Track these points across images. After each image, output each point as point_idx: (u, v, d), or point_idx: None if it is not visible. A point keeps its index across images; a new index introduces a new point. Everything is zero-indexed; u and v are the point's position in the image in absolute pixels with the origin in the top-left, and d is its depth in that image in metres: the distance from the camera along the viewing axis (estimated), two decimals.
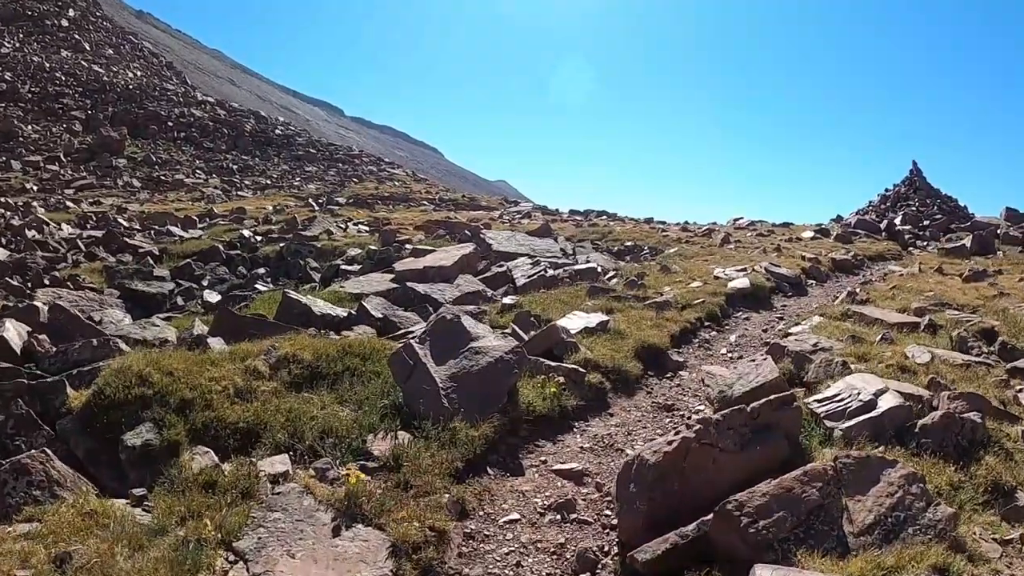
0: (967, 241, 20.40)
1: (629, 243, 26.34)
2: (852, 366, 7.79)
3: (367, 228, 28.23)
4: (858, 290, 14.42)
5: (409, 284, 15.18)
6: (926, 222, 32.46)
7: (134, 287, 17.48)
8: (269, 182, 47.40)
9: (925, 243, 26.45)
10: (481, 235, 23.26)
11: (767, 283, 15.10)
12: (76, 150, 47.98)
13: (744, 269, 16.11)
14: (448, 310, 7.97)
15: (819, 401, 6.23)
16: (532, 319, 11.39)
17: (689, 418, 7.69)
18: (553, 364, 8.12)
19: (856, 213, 39.11)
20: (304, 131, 74.41)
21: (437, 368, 7.16)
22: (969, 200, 53.52)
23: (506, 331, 9.76)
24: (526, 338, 9.41)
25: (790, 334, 10.39)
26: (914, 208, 35.23)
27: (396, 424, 6.65)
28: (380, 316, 12.32)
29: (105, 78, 65.03)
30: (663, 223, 37.98)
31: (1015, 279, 15.00)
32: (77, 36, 76.65)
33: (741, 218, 37.40)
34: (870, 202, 39.65)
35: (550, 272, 18.16)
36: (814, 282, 17.06)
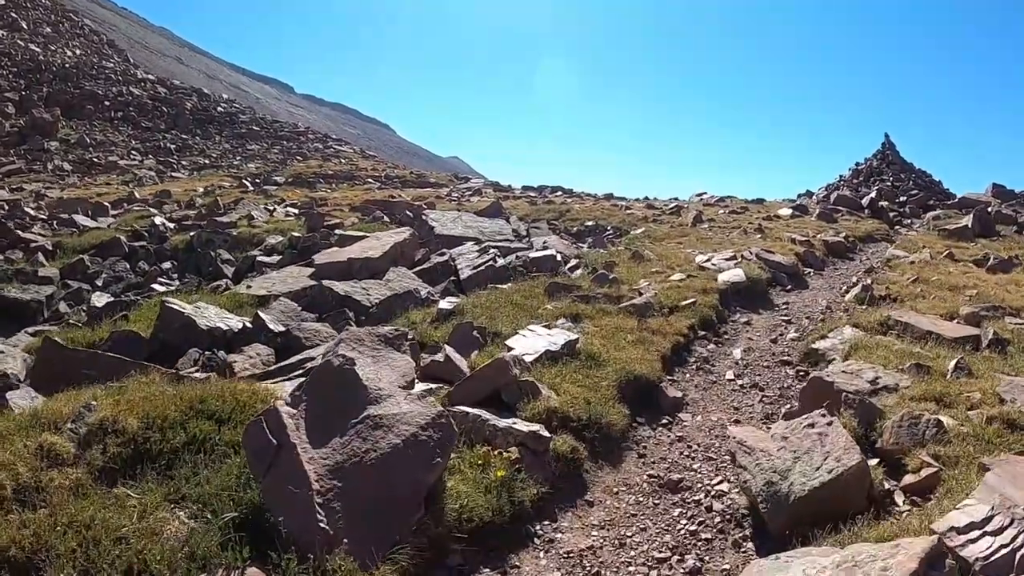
0: (967, 221, 18.58)
1: (590, 223, 23.90)
2: (944, 420, 5.37)
3: (297, 210, 25.24)
4: (871, 282, 12.16)
5: (326, 283, 12.43)
6: (903, 198, 30.87)
7: (5, 293, 14.08)
8: (208, 162, 45.20)
9: (910, 221, 24.68)
10: (423, 216, 20.55)
11: (763, 274, 12.73)
12: (7, 133, 43.37)
13: (734, 257, 13.72)
14: (338, 353, 5.19)
15: (958, 530, 3.68)
16: (476, 334, 8.74)
17: (710, 508, 5.16)
18: (502, 425, 5.44)
19: (826, 188, 37.47)
20: (249, 108, 72.29)
21: (314, 453, 4.43)
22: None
23: (436, 358, 7.09)
24: (465, 371, 6.74)
25: (823, 355, 7.99)
26: (889, 183, 33.65)
27: (243, 558, 3.90)
28: (282, 330, 9.63)
29: (41, 57, 59.79)
30: (623, 199, 35.71)
31: None
32: (14, 14, 70.44)
33: (705, 193, 35.43)
34: (841, 176, 38.03)
35: (500, 261, 15.56)
36: (811, 270, 14.81)
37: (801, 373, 8.27)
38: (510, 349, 7.78)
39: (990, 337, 8.11)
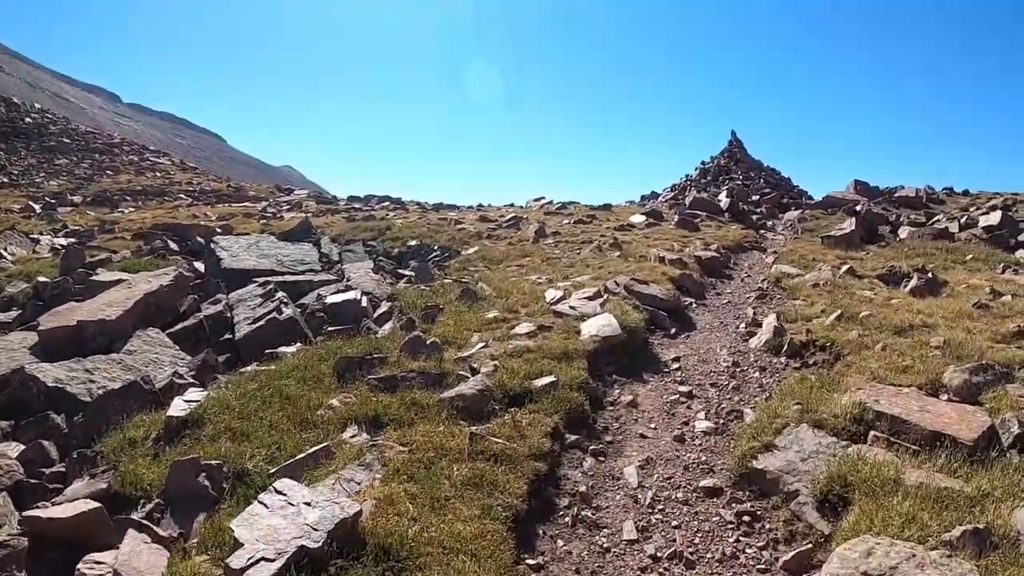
0: (850, 225, 17.08)
1: (413, 242, 20.68)
2: None
3: (73, 239, 20.16)
4: (778, 318, 9.59)
5: (31, 368, 8.74)
6: (755, 197, 30.12)
7: None
8: (7, 180, 41.56)
9: (772, 223, 23.35)
10: (212, 244, 16.61)
11: (640, 318, 9.79)
12: None
13: (597, 294, 10.68)
14: None
15: None
16: (205, 480, 5.24)
17: None
18: None
19: (672, 188, 36.47)
20: (63, 119, 69.13)
21: None
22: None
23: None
24: None
25: (775, 482, 5.02)
26: (739, 182, 32.98)
27: None
28: None
29: None
30: (455, 208, 32.80)
31: (980, 288, 11.09)
32: None
33: (543, 198, 33.13)
34: (687, 176, 37.20)
35: (287, 310, 12.00)
36: (692, 300, 12.17)
37: (746, 520, 5.21)
38: (236, 544, 4.19)
39: (1015, 432, 5.49)
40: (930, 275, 11.35)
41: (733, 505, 5.44)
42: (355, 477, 5.74)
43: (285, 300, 12.66)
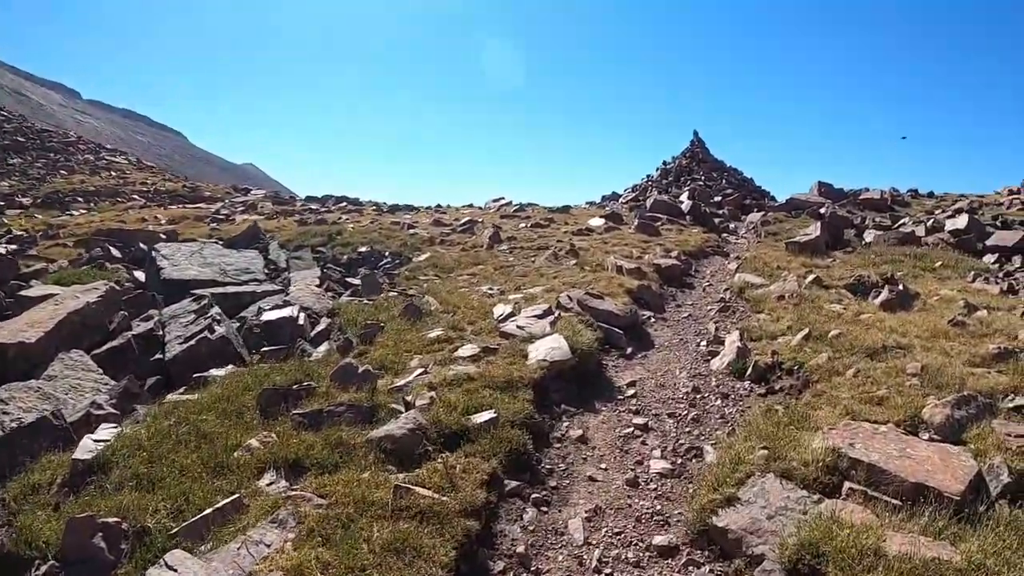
0: (815, 230, 16.69)
1: (363, 248, 20.00)
2: None
3: (15, 246, 19.35)
4: (741, 338, 9.06)
5: None
6: (718, 198, 29.82)
7: None
8: None
9: (734, 225, 22.98)
10: (154, 252, 15.93)
11: (593, 338, 9.15)
12: None
13: (548, 312, 10.02)
14: None
15: None
16: (102, 541, 4.41)
17: None
18: None
19: (633, 189, 36.07)
20: (20, 116, 67.13)
21: None
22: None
23: None
24: None
25: (737, 543, 4.41)
26: (701, 182, 32.67)
27: None
28: None
29: None
30: (413, 209, 32.12)
31: (953, 301, 10.68)
32: None
33: (502, 199, 32.52)
34: (648, 176, 36.82)
35: (220, 328, 11.35)
36: (651, 314, 11.59)
37: None
38: None
39: (1004, 480, 4.98)
40: (901, 287, 10.91)
41: (691, 569, 4.82)
42: (265, 538, 5.01)
43: (218, 316, 11.82)
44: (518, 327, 9.35)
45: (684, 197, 30.41)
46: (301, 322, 11.78)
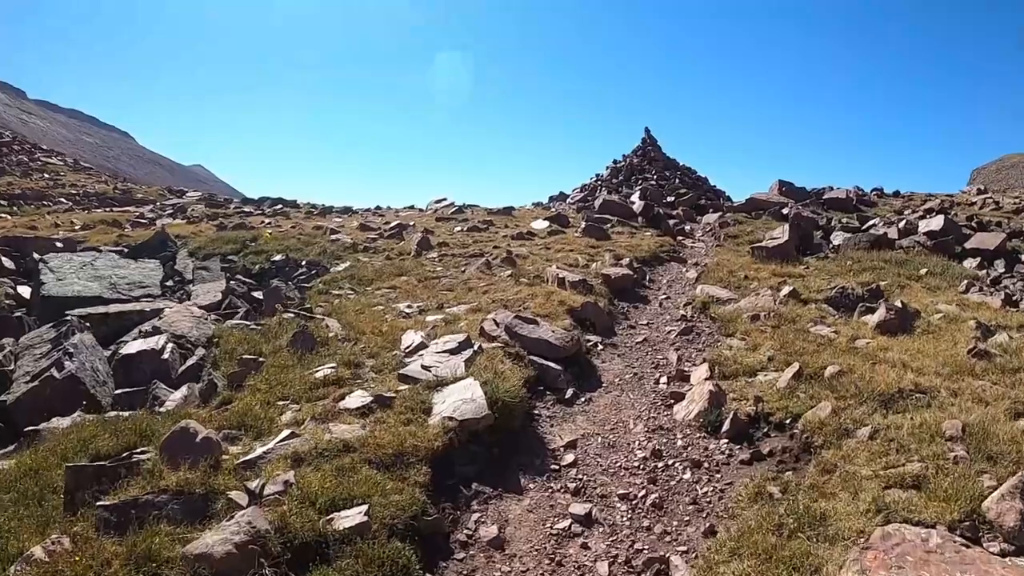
0: (782, 233, 14.93)
1: (278, 257, 17.86)
2: None
3: None
4: (715, 381, 7.10)
5: None
6: (671, 198, 28.10)
7: None
8: None
9: (690, 227, 21.17)
10: (42, 263, 15.17)
11: (519, 381, 7.05)
12: None
13: (467, 343, 7.91)
14: None
15: None
16: None
17: None
18: None
19: (582, 189, 34.23)
20: None
21: None
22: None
23: None
24: None
25: None
26: (653, 181, 30.96)
27: None
28: None
29: None
30: (350, 211, 30.28)
31: (958, 319, 8.89)
32: None
33: (444, 200, 30.46)
34: (598, 176, 35.01)
35: (68, 366, 9.70)
36: (598, 339, 9.56)
37: None
38: None
39: None
40: (899, 304, 9.06)
41: None
42: None
43: (71, 349, 9.51)
44: (423, 367, 7.21)
45: (635, 197, 28.63)
46: (167, 356, 9.54)
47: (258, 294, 15.10)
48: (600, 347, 9.22)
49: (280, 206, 33.30)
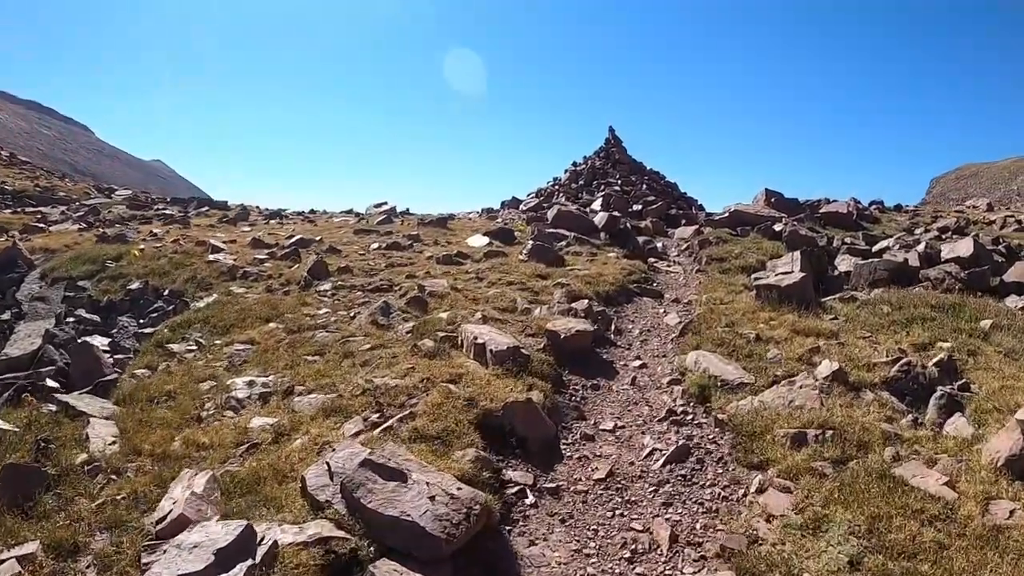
0: (791, 263, 11.05)
1: (136, 284, 13.77)
2: None
3: None
4: None
5: None
6: (637, 206, 24.26)
7: None
8: None
9: (661, 244, 17.26)
10: None
11: None
12: None
13: (241, 535, 3.77)
14: None
15: None
16: None
17: None
18: None
19: (537, 194, 30.26)
20: None
21: None
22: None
23: None
24: None
25: None
26: (618, 187, 27.11)
27: None
28: None
29: None
30: (280, 214, 26.25)
31: None
32: None
33: (385, 203, 26.49)
34: (556, 180, 31.04)
35: None
36: (524, 476, 5.49)
37: None
38: None
39: None
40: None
41: None
42: None
43: None
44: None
45: (597, 205, 24.74)
46: None
47: (93, 339, 10.96)
48: (529, 500, 5.16)
49: (205, 208, 29.51)
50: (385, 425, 5.87)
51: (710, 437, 6.16)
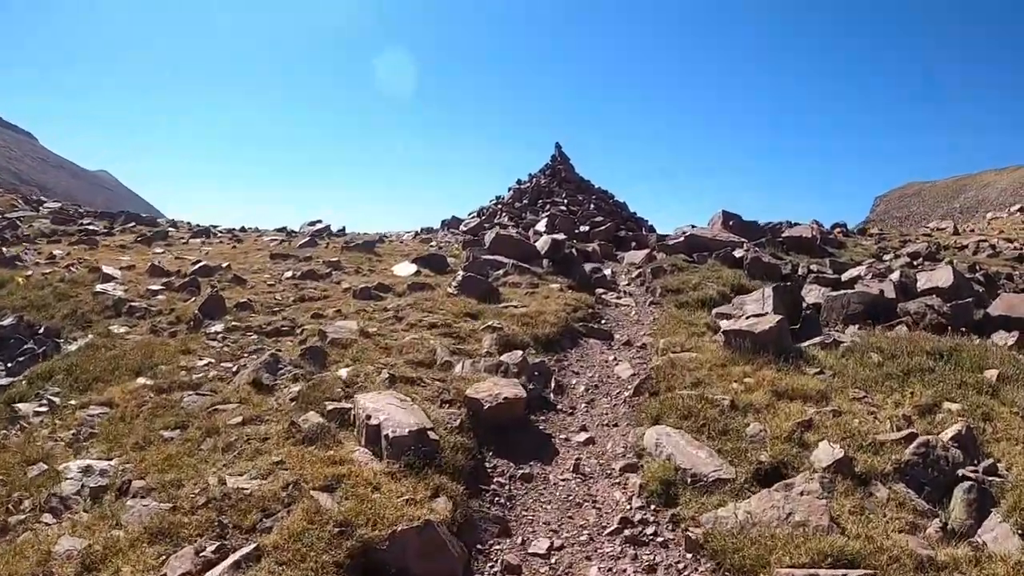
0: (763, 302, 9.49)
1: (9, 320, 12.37)
2: None
3: None
4: None
5: None
6: (584, 227, 22.78)
7: None
8: None
9: (611, 272, 15.70)
10: None
11: None
12: None
13: None
14: None
15: None
16: None
17: None
18: None
19: (479, 214, 28.56)
20: None
21: None
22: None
23: None
24: None
25: None
26: (564, 207, 25.56)
27: None
28: None
29: None
30: (208, 232, 24.18)
31: None
32: None
33: (319, 223, 24.63)
34: (499, 199, 29.38)
35: None
36: None
37: None
38: None
39: None
40: None
41: None
42: None
43: None
44: None
45: (542, 226, 23.16)
46: None
47: None
48: None
49: (132, 224, 26.96)
50: (222, 566, 4.05)
51: (680, 567, 4.47)
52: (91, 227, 25.69)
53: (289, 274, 14.22)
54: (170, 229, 26.24)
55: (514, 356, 8.04)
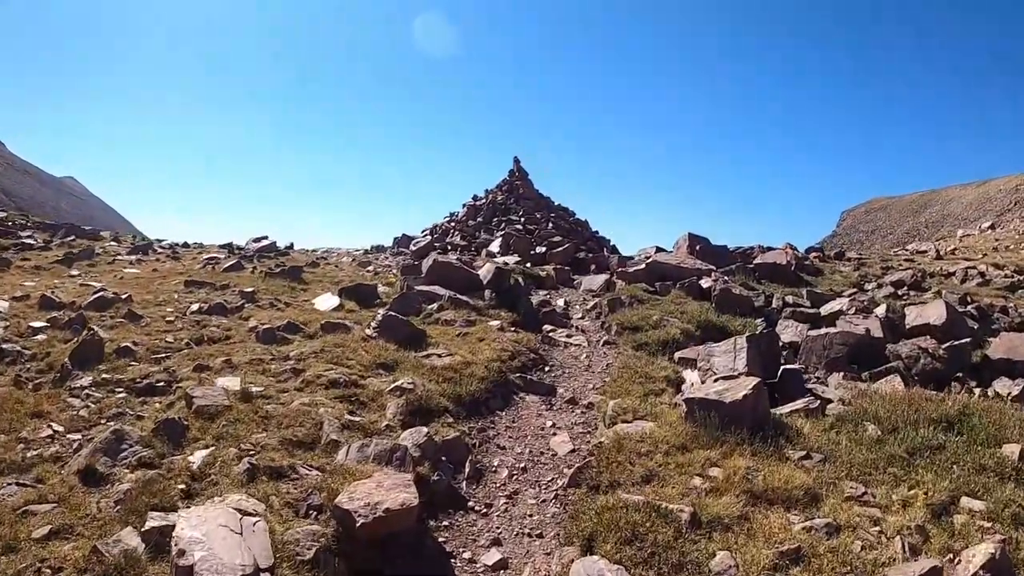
0: (736, 360, 7.76)
1: None
2: None
3: None
4: None
5: None
6: (541, 248, 21.21)
7: None
8: None
9: (563, 300, 14.08)
10: None
11: None
12: None
13: None
14: None
15: None
16: None
17: None
18: None
19: (431, 232, 26.87)
20: None
21: None
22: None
23: None
24: None
25: None
26: (520, 225, 23.95)
27: None
28: None
29: None
30: (140, 251, 22.01)
31: None
32: None
33: (265, 239, 22.99)
34: (452, 215, 27.70)
35: None
36: None
37: None
38: None
39: None
40: None
41: None
42: None
43: None
44: None
45: (495, 247, 21.56)
46: None
47: None
48: None
49: (72, 237, 24.86)
50: None
51: None
52: (28, 240, 23.50)
53: (196, 307, 12.38)
54: (109, 244, 24.25)
55: (418, 434, 6.33)
